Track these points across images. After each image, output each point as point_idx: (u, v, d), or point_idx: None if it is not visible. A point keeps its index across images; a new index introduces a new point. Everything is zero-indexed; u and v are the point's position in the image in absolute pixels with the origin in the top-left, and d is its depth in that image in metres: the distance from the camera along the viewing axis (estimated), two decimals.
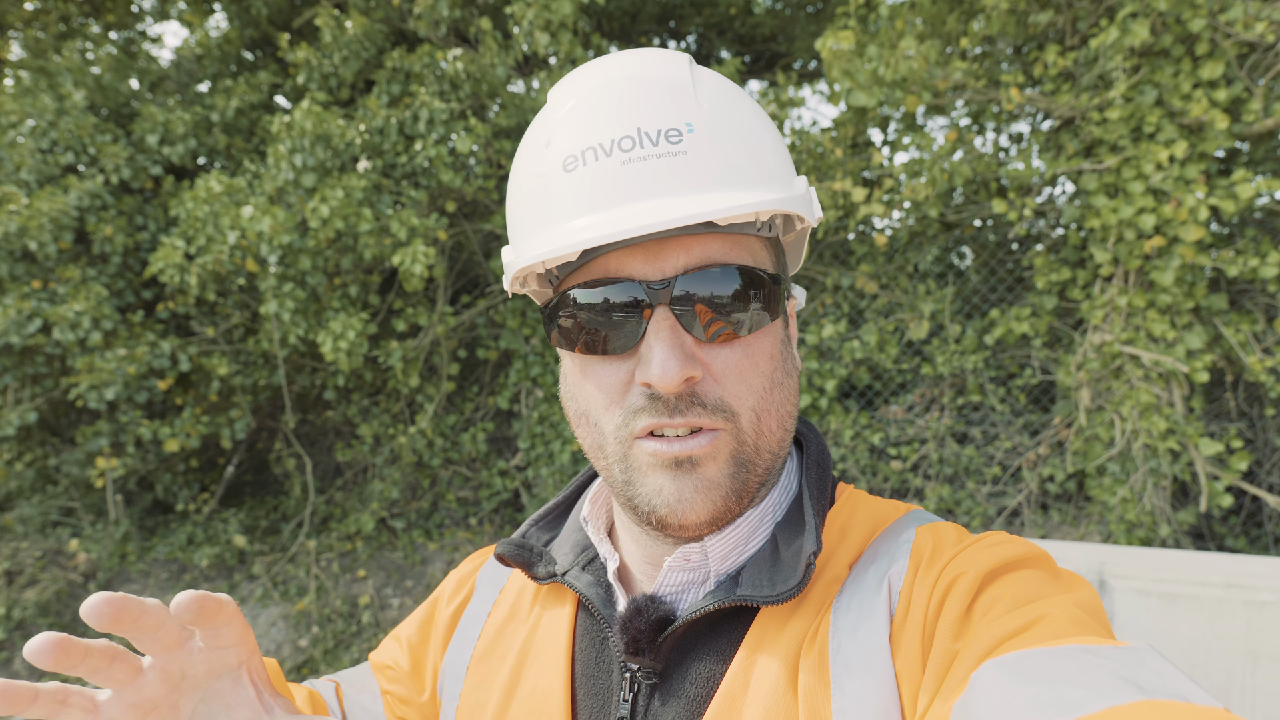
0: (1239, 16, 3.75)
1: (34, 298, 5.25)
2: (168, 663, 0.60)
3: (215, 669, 0.63)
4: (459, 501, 6.18)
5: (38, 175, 5.50)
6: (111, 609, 0.53)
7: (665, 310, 0.65)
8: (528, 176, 0.72)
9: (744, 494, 0.70)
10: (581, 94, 0.69)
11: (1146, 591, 2.89)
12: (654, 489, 0.68)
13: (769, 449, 0.70)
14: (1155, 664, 0.49)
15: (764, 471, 0.71)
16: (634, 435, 0.68)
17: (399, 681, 0.94)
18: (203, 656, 0.62)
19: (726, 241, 0.68)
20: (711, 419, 0.66)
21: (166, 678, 0.60)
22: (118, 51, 6.60)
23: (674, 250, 0.66)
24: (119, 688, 0.58)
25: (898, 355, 4.99)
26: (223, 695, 0.64)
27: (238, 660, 0.64)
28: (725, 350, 0.67)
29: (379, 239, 4.92)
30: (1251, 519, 4.56)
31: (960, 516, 4.74)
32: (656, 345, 0.64)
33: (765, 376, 0.69)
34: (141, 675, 0.59)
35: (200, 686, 0.63)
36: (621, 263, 0.67)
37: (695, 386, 0.66)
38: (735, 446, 0.68)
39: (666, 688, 0.71)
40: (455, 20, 5.64)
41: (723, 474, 0.68)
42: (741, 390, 0.68)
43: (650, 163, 0.64)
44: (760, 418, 0.69)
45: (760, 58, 8.33)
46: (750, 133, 0.69)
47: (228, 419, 5.79)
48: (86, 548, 5.66)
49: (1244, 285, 4.33)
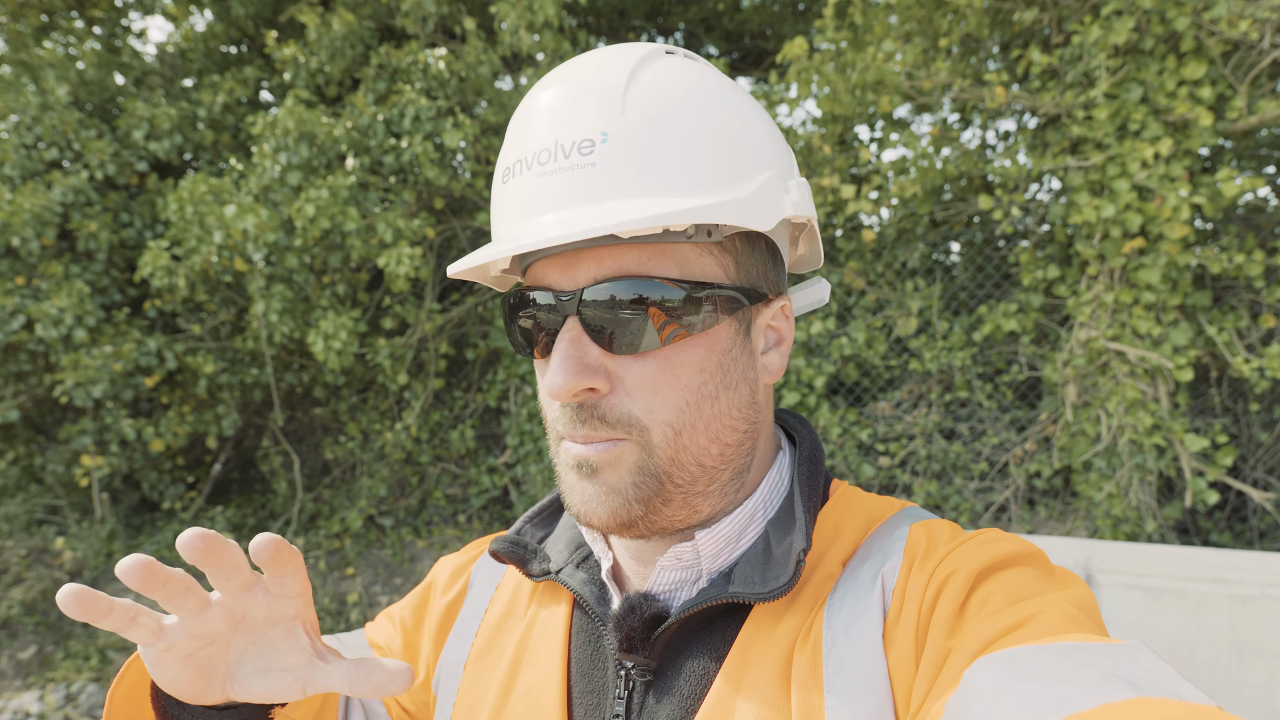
0: (1223, 14, 3.77)
1: (17, 294, 5.20)
2: (234, 602, 0.63)
3: (273, 617, 0.66)
4: (448, 499, 6.17)
5: (21, 171, 5.44)
6: (205, 543, 0.58)
7: (573, 321, 0.67)
8: (493, 185, 0.75)
9: (659, 501, 0.69)
10: (527, 105, 0.71)
11: (1132, 586, 2.92)
12: (569, 487, 0.71)
13: (694, 462, 0.69)
14: (1148, 661, 0.50)
15: (689, 482, 0.70)
16: (559, 435, 0.71)
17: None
18: (266, 602, 0.65)
19: (645, 252, 0.66)
20: (611, 432, 0.67)
21: (229, 615, 0.64)
22: (101, 46, 6.53)
23: (586, 262, 0.66)
24: (186, 617, 0.62)
25: (886, 352, 5.01)
26: (275, 642, 0.67)
27: (295, 611, 0.66)
28: (639, 363, 0.67)
29: (365, 239, 4.90)
30: (1236, 514, 4.61)
31: (948, 512, 4.77)
32: (555, 356, 0.66)
33: (688, 390, 0.67)
34: (208, 609, 0.62)
35: (256, 630, 0.66)
36: (545, 272, 0.69)
37: (600, 399, 0.67)
38: (642, 458, 0.67)
39: (661, 685, 0.72)
40: (442, 17, 5.61)
41: (624, 482, 0.68)
42: (654, 404, 0.67)
43: (560, 175, 0.65)
44: (679, 432, 0.67)
45: (748, 54, 8.33)
46: (687, 136, 0.66)
47: (215, 416, 5.75)
48: (72, 546, 5.61)
49: (1228, 282, 4.37)
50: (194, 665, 0.64)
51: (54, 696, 4.61)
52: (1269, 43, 3.90)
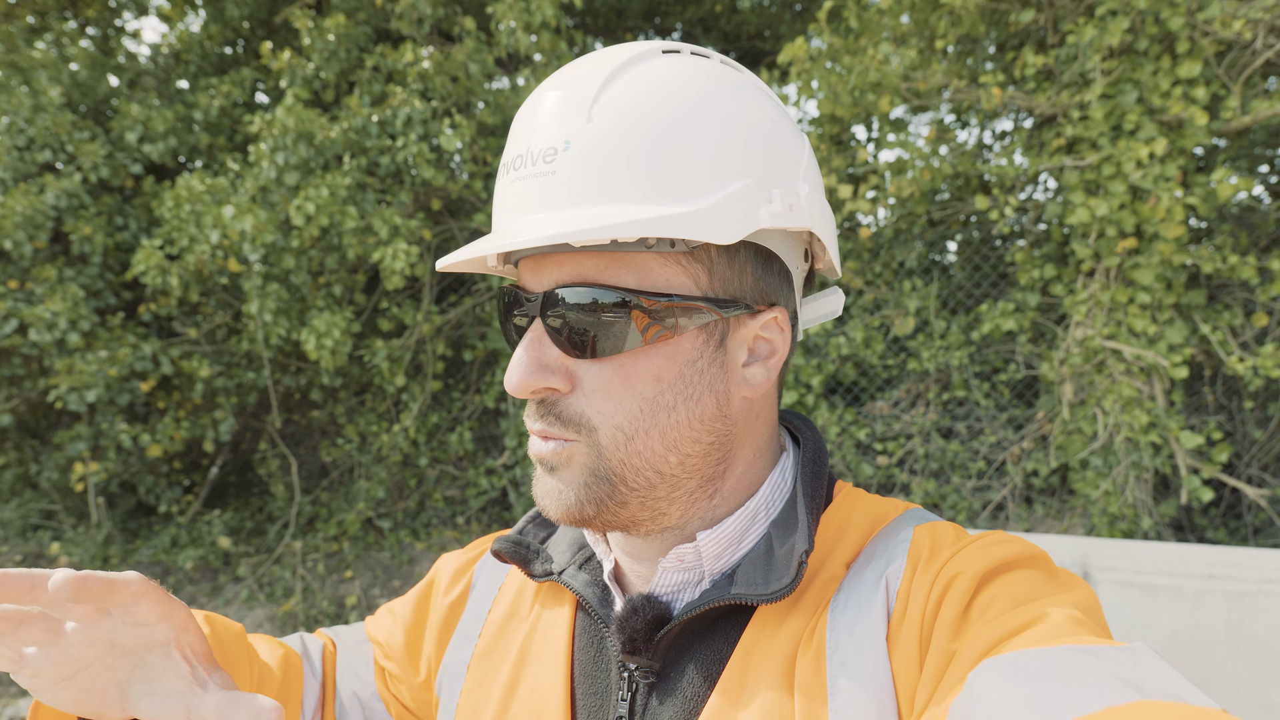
0: (1217, 15, 3.79)
1: (10, 298, 5.18)
2: (90, 629, 0.63)
3: (145, 643, 0.65)
4: (446, 501, 6.16)
5: (14, 173, 5.42)
6: (12, 587, 0.58)
7: (537, 322, 0.69)
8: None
9: (613, 503, 0.70)
10: (520, 109, 0.73)
11: (1129, 583, 2.93)
12: (534, 479, 0.74)
13: (650, 468, 0.69)
14: (1153, 665, 0.50)
15: (646, 487, 0.70)
16: (529, 430, 0.73)
17: (392, 658, 0.96)
18: (128, 629, 0.64)
19: (604, 260, 0.66)
20: (564, 431, 0.68)
21: (90, 642, 0.63)
22: (94, 47, 6.51)
23: (549, 267, 0.68)
24: (41, 646, 0.62)
25: (883, 351, 5.02)
26: (154, 666, 0.67)
27: (166, 637, 0.66)
28: (596, 367, 0.68)
29: (362, 238, 4.89)
30: (1231, 510, 4.63)
31: (946, 511, 4.78)
32: (517, 353, 0.69)
33: (642, 398, 0.67)
34: (64, 637, 0.63)
35: (132, 654, 0.66)
36: (522, 273, 0.73)
37: (559, 398, 0.69)
38: (592, 460, 0.68)
39: (664, 687, 0.72)
40: (439, 19, 5.60)
41: (575, 481, 0.69)
42: (608, 407, 0.68)
43: (526, 182, 0.67)
44: (630, 437, 0.68)
45: (745, 55, 8.33)
46: (646, 145, 0.64)
47: (212, 420, 5.73)
48: (68, 551, 5.60)
49: (1222, 281, 4.39)
50: (75, 687, 0.64)
51: None
52: (1262, 43, 3.91)
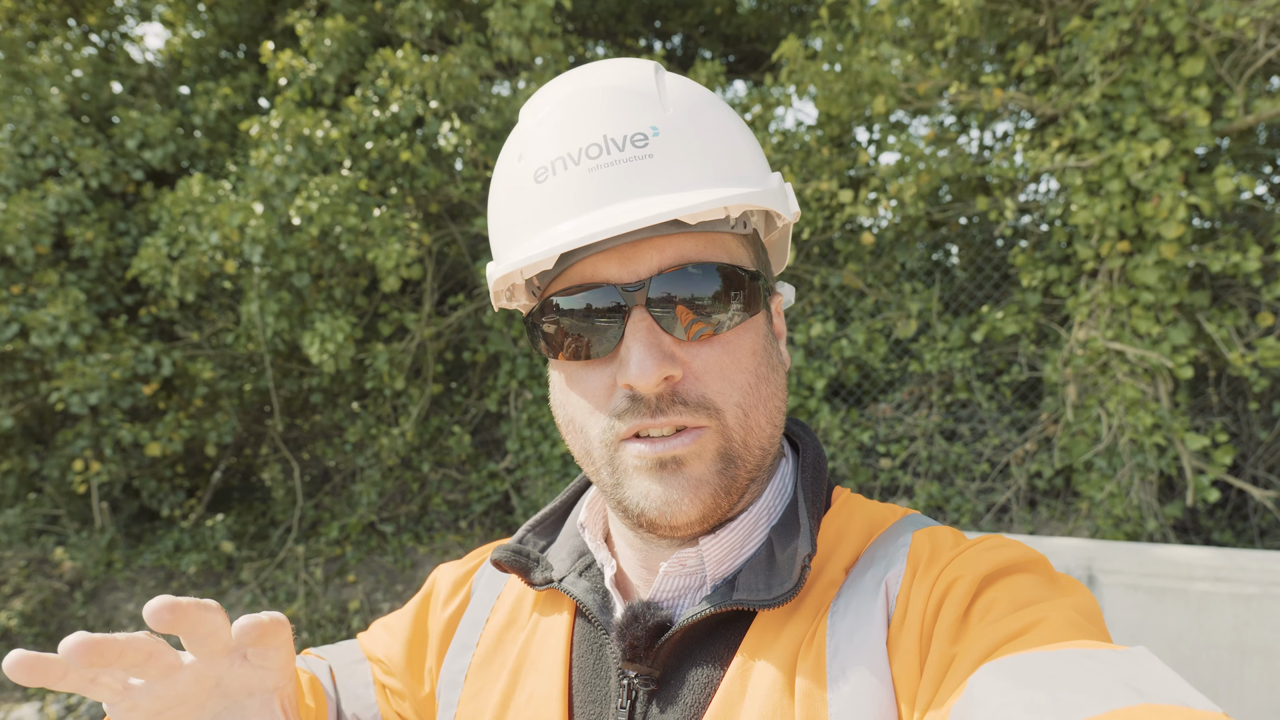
0: (1218, 14, 3.78)
1: (12, 302, 5.19)
2: (207, 668, 0.62)
3: (251, 688, 0.65)
4: (448, 504, 6.16)
5: (16, 179, 5.44)
6: (173, 615, 0.56)
7: (642, 311, 0.66)
8: (504, 191, 0.73)
9: (732, 490, 0.69)
10: (550, 106, 0.71)
11: (1135, 586, 2.92)
12: (641, 492, 0.68)
13: (758, 445, 0.70)
14: (1154, 668, 0.50)
15: (753, 468, 0.71)
16: (620, 438, 0.68)
17: (393, 675, 0.95)
18: (243, 671, 0.64)
19: (700, 240, 0.68)
20: (695, 417, 0.66)
21: (200, 680, 0.63)
22: (96, 54, 6.53)
23: (647, 252, 0.67)
24: (152, 679, 0.61)
25: (886, 354, 5.01)
26: (248, 713, 0.66)
27: (274, 685, 0.65)
28: (705, 348, 0.68)
29: (359, 238, 4.90)
30: (1237, 512, 4.61)
31: (949, 513, 4.77)
32: (634, 346, 0.65)
33: (749, 372, 0.69)
34: (177, 673, 0.62)
35: (231, 698, 0.65)
36: (597, 268, 0.68)
37: (676, 386, 0.67)
38: (721, 443, 0.68)
39: (664, 694, 0.71)
40: (439, 23, 5.61)
41: (710, 471, 0.68)
42: (724, 387, 0.68)
43: (617, 168, 0.66)
44: (747, 413, 0.69)
45: (745, 58, 8.33)
46: (719, 133, 0.70)
47: (214, 423, 5.74)
48: (72, 555, 5.60)
49: (1226, 280, 4.37)
50: None
51: (54, 708, 4.60)
52: (1264, 42, 3.90)
